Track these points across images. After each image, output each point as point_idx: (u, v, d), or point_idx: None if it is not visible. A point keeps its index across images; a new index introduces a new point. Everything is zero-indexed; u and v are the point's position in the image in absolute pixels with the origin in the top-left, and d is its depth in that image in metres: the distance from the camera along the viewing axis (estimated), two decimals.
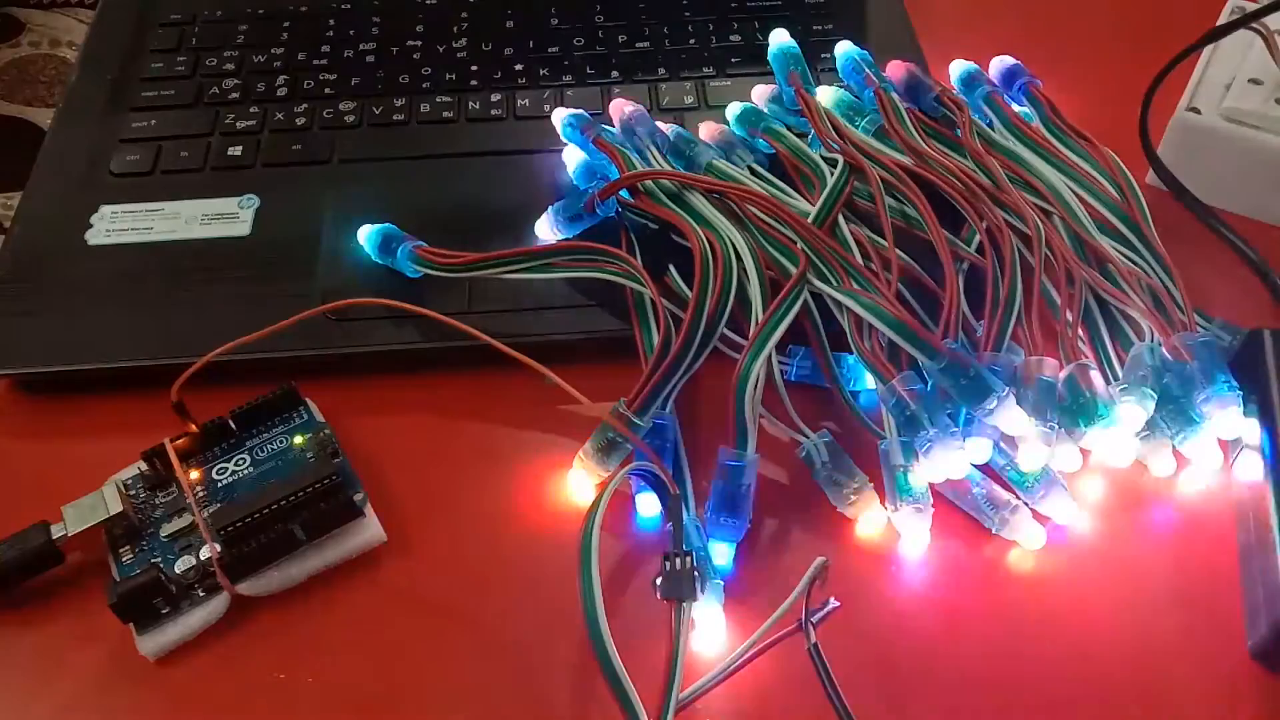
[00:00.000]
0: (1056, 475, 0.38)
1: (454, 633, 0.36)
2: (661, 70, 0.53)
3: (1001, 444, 0.38)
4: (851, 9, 0.56)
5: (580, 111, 0.48)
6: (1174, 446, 0.39)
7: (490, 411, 0.42)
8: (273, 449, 0.39)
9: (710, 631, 0.35)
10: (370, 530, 0.38)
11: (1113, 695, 0.35)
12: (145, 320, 0.44)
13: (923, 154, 0.45)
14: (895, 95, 0.47)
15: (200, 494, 0.38)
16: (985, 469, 0.38)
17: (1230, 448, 0.39)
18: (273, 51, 0.55)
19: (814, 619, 0.35)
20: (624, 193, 0.44)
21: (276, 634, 0.36)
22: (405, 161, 0.50)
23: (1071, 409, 0.37)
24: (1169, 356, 0.39)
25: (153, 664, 0.36)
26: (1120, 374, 0.40)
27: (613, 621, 0.32)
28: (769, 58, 0.50)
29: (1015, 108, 0.48)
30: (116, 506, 0.37)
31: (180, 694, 0.35)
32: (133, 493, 0.38)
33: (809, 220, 0.42)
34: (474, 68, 0.54)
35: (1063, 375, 0.38)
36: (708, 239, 0.41)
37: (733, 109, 0.48)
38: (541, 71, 0.54)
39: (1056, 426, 0.37)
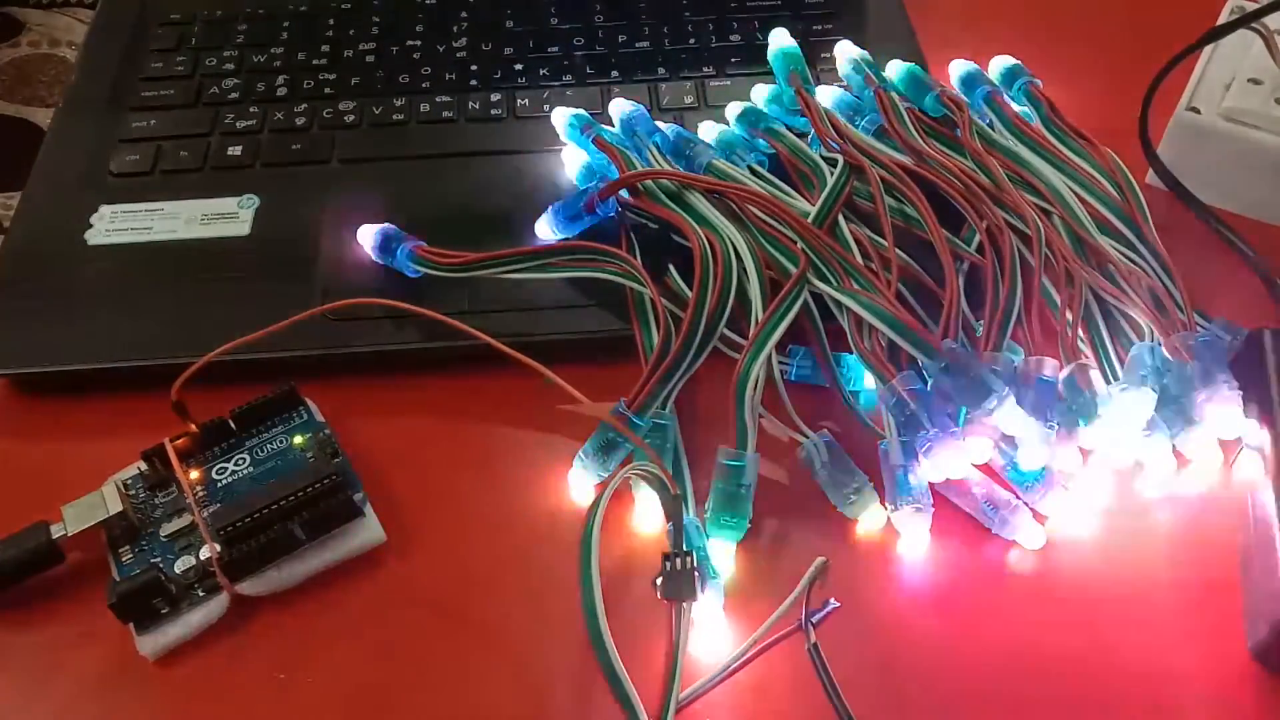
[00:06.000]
0: (1056, 475, 0.38)
1: (454, 633, 0.36)
2: (661, 70, 0.53)
3: (1001, 444, 0.38)
4: (851, 9, 0.56)
5: (580, 111, 0.48)
6: (1174, 446, 0.39)
7: (490, 411, 0.42)
8: (273, 449, 0.39)
9: (710, 631, 0.35)
10: (370, 530, 0.38)
11: (1113, 695, 0.35)
12: (145, 320, 0.43)
13: (923, 154, 0.45)
14: (895, 95, 0.47)
15: (200, 494, 0.38)
16: (985, 469, 0.38)
17: (1230, 448, 0.39)
18: (273, 51, 0.55)
19: (814, 619, 0.35)
20: (624, 193, 0.44)
21: (276, 634, 0.36)
22: (405, 161, 0.50)
23: (1071, 409, 0.37)
24: (1169, 356, 0.39)
25: (153, 664, 0.36)
26: (1120, 374, 0.40)
27: (613, 621, 0.33)
28: (769, 58, 0.50)
29: (1015, 107, 0.48)
30: (116, 506, 0.37)
31: (180, 694, 0.35)
32: (133, 493, 0.38)
33: (809, 220, 0.42)
34: (474, 68, 0.54)
35: (1063, 375, 0.38)
36: (708, 239, 0.41)
37: (733, 109, 0.48)
38: (541, 71, 0.54)
39: (1056, 426, 0.37)
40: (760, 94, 0.49)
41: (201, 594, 0.36)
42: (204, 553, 0.36)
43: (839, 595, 0.36)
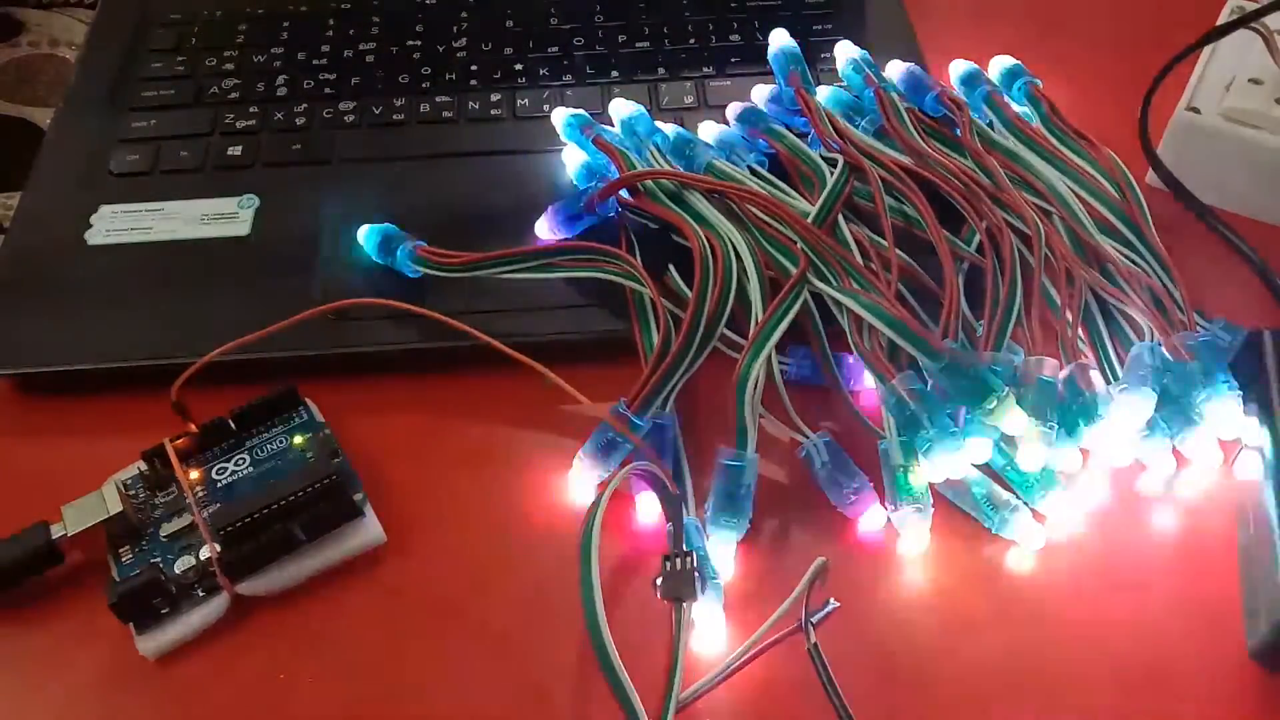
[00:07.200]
0: (1056, 475, 0.38)
1: (454, 633, 0.36)
2: (661, 70, 0.53)
3: (1001, 444, 0.38)
4: (851, 9, 0.56)
5: (580, 111, 0.48)
6: (1174, 446, 0.39)
7: (490, 411, 0.42)
8: (272, 449, 0.39)
9: (710, 631, 0.35)
10: (370, 530, 0.38)
11: (1112, 695, 0.35)
12: (145, 320, 0.44)
13: (923, 154, 0.45)
14: (895, 95, 0.47)
15: (200, 494, 0.38)
16: (985, 469, 0.38)
17: (1230, 448, 0.39)
18: (273, 51, 0.55)
19: (814, 619, 0.35)
20: (624, 193, 0.44)
21: (276, 634, 0.36)
22: (405, 161, 0.50)
23: (1071, 409, 0.37)
24: (1169, 356, 0.39)
25: (153, 664, 0.36)
26: (1120, 374, 0.40)
27: (613, 621, 0.32)
28: (769, 58, 0.50)
29: (1015, 108, 0.48)
30: (116, 506, 0.37)
31: (180, 694, 0.35)
32: (133, 493, 0.38)
33: (809, 220, 0.42)
34: (474, 68, 0.54)
35: (1063, 375, 0.38)
36: (708, 239, 0.41)
37: (733, 109, 0.48)
38: (541, 71, 0.54)
39: (1056, 426, 0.37)
40: (760, 94, 0.49)
41: (201, 594, 0.36)
42: (204, 553, 0.36)
43: (839, 595, 0.36)
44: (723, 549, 0.37)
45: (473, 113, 0.52)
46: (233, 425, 0.39)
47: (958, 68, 0.49)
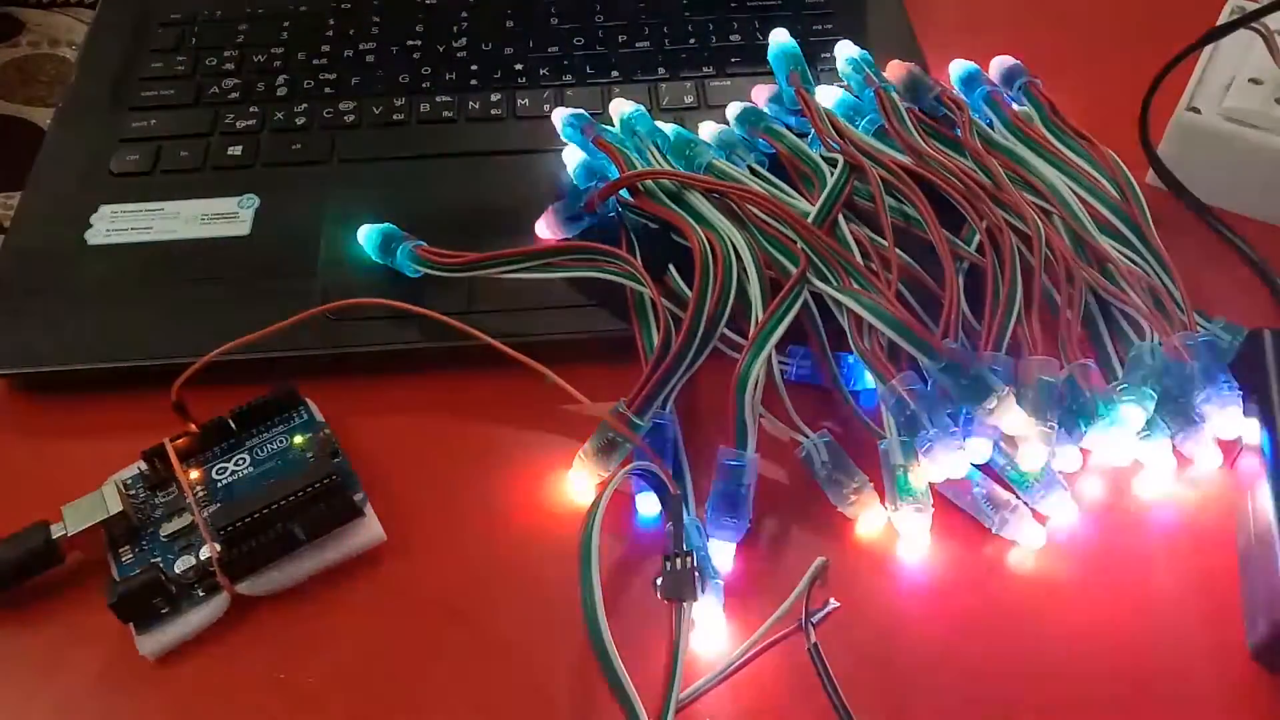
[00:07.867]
0: (1056, 475, 0.38)
1: (454, 632, 0.36)
2: (661, 70, 0.53)
3: (1001, 444, 0.38)
4: (851, 9, 0.56)
5: (580, 111, 0.48)
6: (1174, 446, 0.39)
7: (490, 411, 0.42)
8: (272, 449, 0.39)
9: (710, 631, 0.35)
10: (370, 530, 0.38)
11: (1112, 695, 0.35)
12: (145, 320, 0.43)
13: (923, 154, 0.45)
14: (895, 95, 0.47)
15: (200, 494, 0.38)
16: (985, 469, 0.38)
17: (1230, 448, 0.39)
18: (273, 51, 0.55)
19: (814, 619, 0.35)
20: (624, 192, 0.44)
21: (276, 634, 0.36)
22: (405, 161, 0.50)
23: (1071, 409, 0.37)
24: (1169, 356, 0.39)
25: (153, 664, 0.36)
26: (1120, 374, 0.40)
27: (613, 621, 0.32)
28: (769, 58, 0.50)
29: (1015, 107, 0.48)
30: (116, 506, 0.37)
31: (180, 694, 0.35)
32: (133, 493, 0.38)
33: (809, 220, 0.42)
34: (474, 68, 0.54)
35: (1063, 375, 0.38)
36: (708, 239, 0.41)
37: (733, 109, 0.48)
38: (541, 71, 0.54)
39: (1056, 426, 0.37)
40: (760, 94, 0.49)
41: (201, 594, 0.36)
42: (204, 553, 0.36)
43: (839, 595, 0.36)
44: (723, 549, 0.37)
45: (473, 113, 0.52)
46: (233, 425, 0.39)
47: (958, 68, 0.49)
